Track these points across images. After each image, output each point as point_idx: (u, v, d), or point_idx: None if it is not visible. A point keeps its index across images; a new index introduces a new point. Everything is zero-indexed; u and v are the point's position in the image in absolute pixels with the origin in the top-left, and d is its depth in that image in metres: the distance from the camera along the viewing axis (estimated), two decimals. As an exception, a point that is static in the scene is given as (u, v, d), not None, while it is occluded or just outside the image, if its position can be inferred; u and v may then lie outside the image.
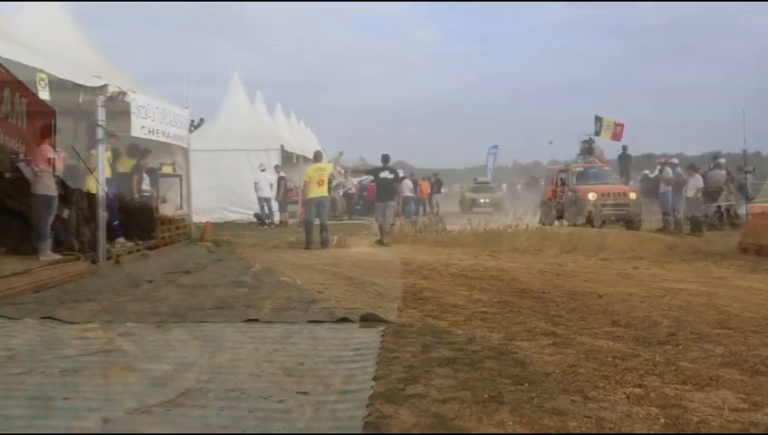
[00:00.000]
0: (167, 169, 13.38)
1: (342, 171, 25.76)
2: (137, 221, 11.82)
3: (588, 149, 36.39)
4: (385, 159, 15.12)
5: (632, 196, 18.54)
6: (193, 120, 31.11)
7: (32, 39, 8.91)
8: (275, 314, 6.25)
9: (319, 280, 8.60)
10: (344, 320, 5.94)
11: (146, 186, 12.15)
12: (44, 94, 8.21)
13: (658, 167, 20.10)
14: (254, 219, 19.76)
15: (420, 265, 10.72)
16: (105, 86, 9.87)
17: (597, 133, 34.78)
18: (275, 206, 20.31)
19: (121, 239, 11.35)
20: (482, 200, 34.19)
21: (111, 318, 6.10)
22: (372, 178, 16.12)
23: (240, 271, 9.64)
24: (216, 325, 5.80)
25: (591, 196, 18.08)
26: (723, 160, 20.49)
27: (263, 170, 19.36)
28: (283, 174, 20.47)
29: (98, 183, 10.08)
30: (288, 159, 23.26)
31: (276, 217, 19.65)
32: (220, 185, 21.24)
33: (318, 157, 14.91)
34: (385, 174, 14.87)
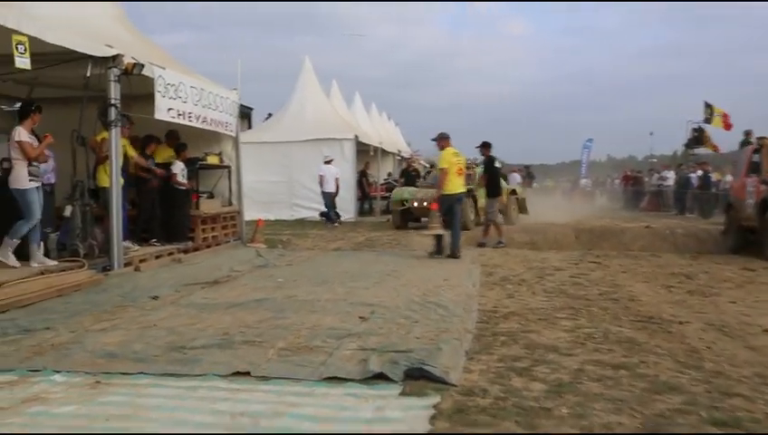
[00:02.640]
0: (212, 160, 11.50)
1: (428, 165, 23.44)
2: (166, 220, 10.10)
3: (697, 138, 32.98)
4: (488, 146, 12.51)
5: None
6: (270, 114, 29.81)
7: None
8: (281, 362, 4.18)
9: (369, 297, 6.49)
10: (380, 376, 3.83)
11: (183, 178, 10.32)
12: (22, 62, 6.44)
13: None
14: (322, 218, 17.79)
15: (506, 275, 8.44)
16: (118, 56, 8.12)
17: (707, 121, 31.38)
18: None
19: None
20: (416, 204, 15.68)
21: (47, 363, 4.20)
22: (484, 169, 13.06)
23: (277, 283, 7.69)
24: (180, 383, 3.79)
25: None
26: None
27: (328, 162, 17.30)
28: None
29: (111, 175, 8.36)
30: (364, 151, 21.37)
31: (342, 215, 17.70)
32: (290, 179, 19.56)
33: (445, 139, 10.39)
34: (498, 163, 12.69)
